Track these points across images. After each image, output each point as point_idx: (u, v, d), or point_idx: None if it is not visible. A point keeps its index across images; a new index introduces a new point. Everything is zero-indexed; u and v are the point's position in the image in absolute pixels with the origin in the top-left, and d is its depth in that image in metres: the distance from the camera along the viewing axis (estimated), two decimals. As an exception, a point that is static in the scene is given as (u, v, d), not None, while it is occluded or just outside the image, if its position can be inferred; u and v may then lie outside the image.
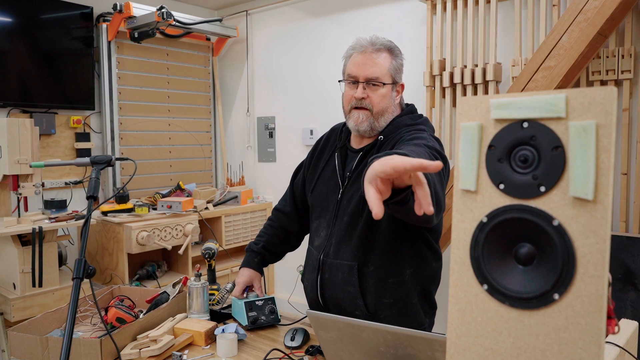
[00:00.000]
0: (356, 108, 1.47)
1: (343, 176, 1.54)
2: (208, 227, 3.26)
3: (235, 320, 1.67)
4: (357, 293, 1.47)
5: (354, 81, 1.47)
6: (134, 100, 3.56)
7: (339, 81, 1.54)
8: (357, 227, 1.46)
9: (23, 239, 2.50)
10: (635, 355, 1.11)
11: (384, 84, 1.46)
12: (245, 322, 1.59)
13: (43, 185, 2.77)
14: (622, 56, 2.32)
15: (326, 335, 1.19)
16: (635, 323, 1.18)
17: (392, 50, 1.49)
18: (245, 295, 1.68)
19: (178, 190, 3.36)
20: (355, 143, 1.56)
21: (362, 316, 1.47)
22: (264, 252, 1.77)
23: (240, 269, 1.75)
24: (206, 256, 1.87)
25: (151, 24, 3.16)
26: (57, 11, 3.15)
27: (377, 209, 0.79)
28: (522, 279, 0.69)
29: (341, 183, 1.54)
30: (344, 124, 1.61)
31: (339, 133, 1.63)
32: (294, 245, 1.84)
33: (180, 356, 1.39)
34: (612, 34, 2.34)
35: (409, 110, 1.57)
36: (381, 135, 1.49)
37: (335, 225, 1.53)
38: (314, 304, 1.63)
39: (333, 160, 1.59)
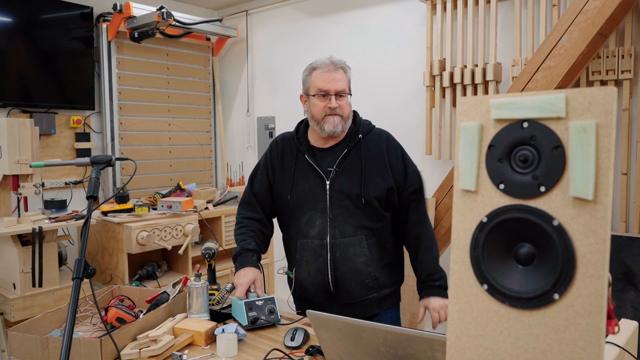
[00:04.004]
0: (329, 115, 1.74)
1: (324, 170, 1.77)
2: (208, 227, 3.26)
3: (235, 320, 1.67)
4: (368, 261, 1.73)
5: (324, 94, 1.74)
6: (134, 100, 3.56)
7: (313, 96, 1.76)
8: (360, 206, 1.73)
9: (23, 239, 2.50)
10: (635, 355, 1.11)
11: (348, 94, 1.77)
12: (245, 322, 1.59)
13: (43, 185, 2.77)
14: (622, 56, 2.32)
15: (326, 335, 1.19)
16: (635, 323, 1.18)
17: (344, 68, 1.79)
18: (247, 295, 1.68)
19: (178, 190, 3.36)
20: (321, 143, 1.81)
21: (371, 282, 1.74)
22: (258, 250, 1.80)
23: (238, 270, 1.74)
24: (206, 256, 1.87)
25: (151, 24, 3.16)
26: (57, 11, 3.15)
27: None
28: (522, 279, 0.69)
29: (325, 176, 1.75)
30: (296, 132, 1.88)
31: (296, 139, 1.85)
32: (267, 248, 1.94)
33: (180, 356, 1.39)
34: (612, 34, 2.34)
35: (358, 114, 1.89)
36: (360, 134, 1.80)
37: (332, 211, 1.74)
38: (319, 290, 1.74)
39: (303, 162, 1.80)
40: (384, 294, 1.78)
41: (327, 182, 1.75)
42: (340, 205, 1.73)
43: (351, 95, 1.80)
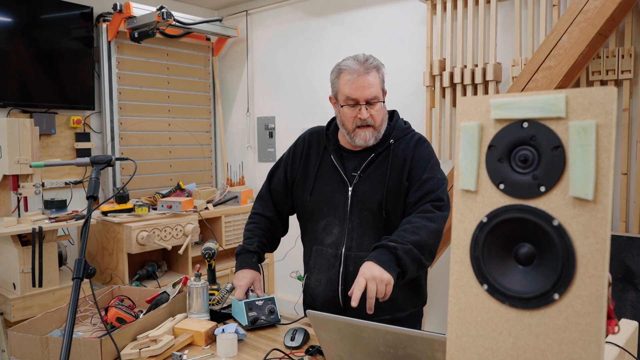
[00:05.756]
0: (360, 127, 1.58)
1: (348, 174, 1.63)
2: (208, 227, 3.26)
3: (235, 320, 1.67)
4: None
5: (353, 104, 1.57)
6: (134, 100, 3.56)
7: (342, 106, 1.60)
8: (380, 219, 1.58)
9: (23, 239, 2.50)
10: (635, 355, 1.11)
11: (381, 101, 1.59)
12: (245, 322, 1.59)
13: (43, 185, 2.77)
14: (622, 56, 2.32)
15: (326, 335, 1.19)
16: (635, 323, 1.18)
17: (378, 67, 1.59)
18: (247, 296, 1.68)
19: (178, 190, 3.36)
20: (351, 145, 1.67)
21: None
22: (259, 252, 1.77)
23: (237, 271, 1.73)
24: (206, 256, 1.87)
25: (151, 24, 3.16)
26: (57, 11, 3.15)
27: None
28: (522, 279, 0.69)
29: (348, 181, 1.63)
30: (327, 128, 1.74)
31: (324, 137, 1.73)
32: (275, 247, 1.88)
33: (180, 356, 1.39)
34: (612, 34, 2.34)
35: (397, 115, 1.73)
36: (391, 139, 1.63)
37: (351, 220, 1.61)
38: (328, 302, 1.63)
39: (328, 162, 1.68)
40: (400, 317, 1.62)
41: (350, 188, 1.61)
42: (361, 215, 1.60)
43: (384, 101, 1.61)
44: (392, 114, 1.73)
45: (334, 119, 1.74)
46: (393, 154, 1.61)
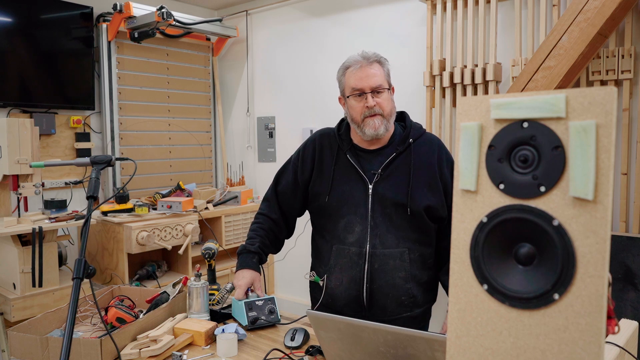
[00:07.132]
0: (369, 116, 1.61)
1: (368, 173, 1.65)
2: (208, 227, 3.26)
3: (235, 320, 1.67)
4: (408, 277, 1.62)
5: (360, 94, 1.61)
6: (134, 100, 3.56)
7: (347, 96, 1.65)
8: (404, 216, 1.61)
9: (23, 239, 2.50)
10: (635, 355, 1.11)
11: (385, 89, 1.63)
12: (245, 322, 1.59)
13: (43, 185, 2.77)
14: (622, 56, 2.32)
15: (326, 335, 1.19)
16: (635, 323, 1.18)
17: (380, 60, 1.65)
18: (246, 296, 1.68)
19: (178, 190, 3.36)
20: (365, 144, 1.69)
21: (407, 300, 1.63)
22: (260, 252, 1.77)
23: (237, 270, 1.74)
24: (206, 256, 1.87)
25: (151, 24, 3.16)
26: (57, 11, 3.15)
27: None
28: (522, 279, 0.69)
29: (368, 179, 1.64)
30: (337, 128, 1.76)
31: (336, 137, 1.73)
32: (278, 249, 1.89)
33: (180, 356, 1.39)
34: (612, 34, 2.34)
35: (407, 116, 1.77)
36: (410, 139, 1.67)
37: (373, 217, 1.62)
38: (351, 302, 1.64)
39: (344, 162, 1.69)
40: (417, 313, 1.66)
41: (370, 186, 1.63)
42: (383, 213, 1.62)
43: (390, 90, 1.65)
44: (402, 115, 1.76)
45: (342, 120, 1.76)
46: (414, 154, 1.65)
